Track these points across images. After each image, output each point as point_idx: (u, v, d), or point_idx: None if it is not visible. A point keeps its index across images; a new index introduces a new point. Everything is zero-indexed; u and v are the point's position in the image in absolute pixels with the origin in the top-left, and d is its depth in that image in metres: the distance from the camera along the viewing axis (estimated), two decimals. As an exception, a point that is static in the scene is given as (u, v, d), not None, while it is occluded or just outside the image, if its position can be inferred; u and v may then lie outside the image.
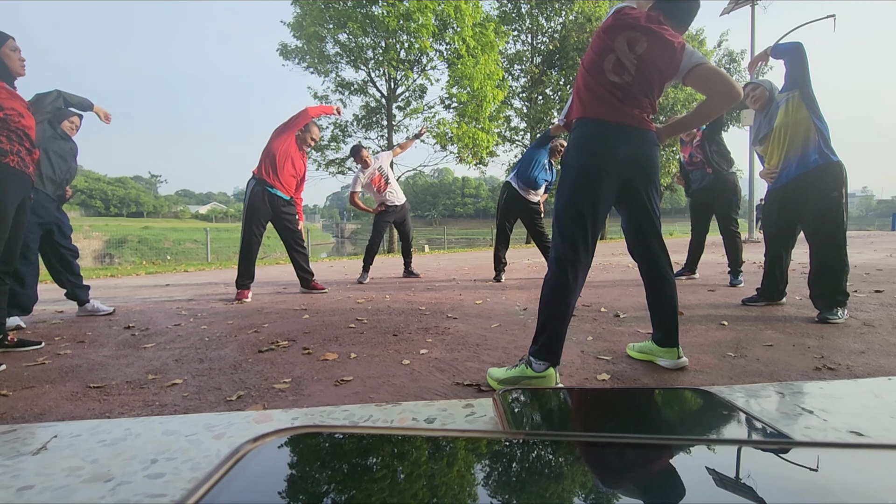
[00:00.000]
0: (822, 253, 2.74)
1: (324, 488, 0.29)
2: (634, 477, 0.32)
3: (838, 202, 2.68)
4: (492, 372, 1.79)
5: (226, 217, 74.60)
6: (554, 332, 1.65)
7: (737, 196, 4.19)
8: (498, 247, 4.81)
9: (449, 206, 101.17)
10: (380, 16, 12.75)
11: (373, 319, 2.96)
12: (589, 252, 1.71)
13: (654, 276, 1.88)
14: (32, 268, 2.88)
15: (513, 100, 18.70)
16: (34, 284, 2.90)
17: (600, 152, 1.70)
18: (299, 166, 4.04)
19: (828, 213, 2.69)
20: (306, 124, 3.99)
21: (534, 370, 1.65)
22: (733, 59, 23.04)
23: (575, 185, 1.71)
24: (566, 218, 1.70)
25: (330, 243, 44.83)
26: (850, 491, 0.28)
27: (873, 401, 0.51)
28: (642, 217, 1.83)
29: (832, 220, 2.69)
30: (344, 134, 15.59)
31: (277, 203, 3.90)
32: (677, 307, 1.91)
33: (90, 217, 57.45)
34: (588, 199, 1.69)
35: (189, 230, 38.87)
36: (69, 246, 3.17)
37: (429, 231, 51.73)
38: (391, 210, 5.03)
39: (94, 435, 0.42)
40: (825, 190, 2.70)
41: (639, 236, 1.86)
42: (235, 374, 1.94)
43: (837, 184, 2.69)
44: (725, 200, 4.18)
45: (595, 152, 1.70)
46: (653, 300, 1.91)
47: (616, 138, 1.70)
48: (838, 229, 2.69)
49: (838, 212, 2.68)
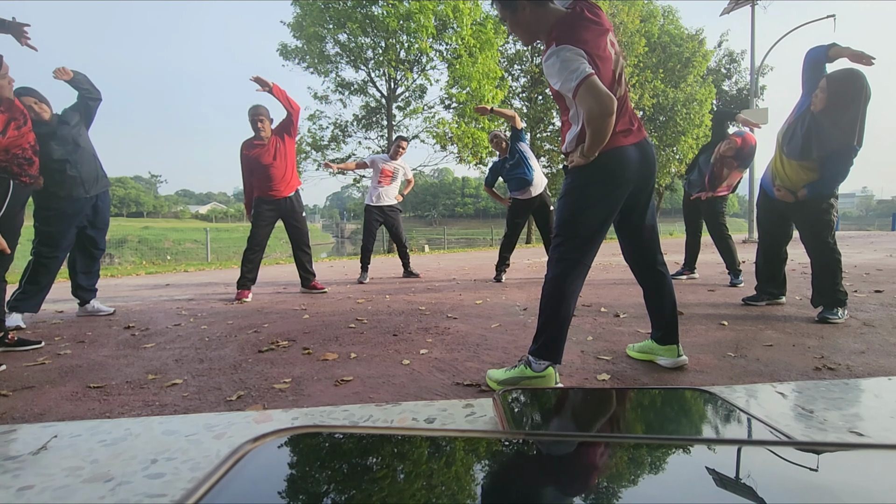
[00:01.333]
0: (816, 257, 2.81)
1: (324, 488, 0.29)
2: (634, 477, 0.32)
3: (830, 207, 2.77)
4: (491, 373, 1.78)
5: (226, 217, 74.58)
6: (555, 331, 1.65)
7: (721, 203, 4.25)
8: (504, 248, 4.80)
9: (449, 206, 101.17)
10: (380, 16, 12.74)
11: (373, 319, 2.96)
12: (594, 256, 1.72)
13: (651, 272, 1.87)
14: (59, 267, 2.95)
15: (513, 100, 18.70)
16: (50, 284, 2.94)
17: (623, 181, 1.67)
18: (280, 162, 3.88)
19: (818, 218, 2.77)
20: (250, 121, 3.86)
21: (533, 370, 1.64)
22: (733, 60, 23.06)
23: (596, 204, 1.67)
24: (582, 226, 1.67)
25: (330, 243, 44.86)
26: (850, 491, 0.28)
27: (873, 401, 0.51)
28: (647, 214, 1.83)
29: (823, 224, 2.76)
30: (344, 134, 15.57)
31: (282, 206, 3.93)
32: (675, 303, 1.90)
33: (90, 217, 57.39)
34: (607, 214, 1.68)
35: (189, 230, 38.86)
36: (100, 244, 3.19)
37: (429, 231, 51.74)
38: (377, 210, 5.00)
39: (94, 435, 0.42)
40: (816, 200, 2.77)
41: (640, 233, 1.85)
42: (235, 374, 1.94)
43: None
44: (711, 209, 4.26)
45: (619, 183, 1.67)
46: (651, 297, 1.90)
47: (636, 161, 1.67)
48: (828, 232, 2.76)
49: (828, 217, 2.77)
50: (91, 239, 3.12)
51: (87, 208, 3.00)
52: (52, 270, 2.89)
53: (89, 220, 3.05)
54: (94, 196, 3.04)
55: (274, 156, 3.85)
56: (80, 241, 3.09)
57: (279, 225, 4.08)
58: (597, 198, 1.66)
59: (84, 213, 2.99)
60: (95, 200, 3.06)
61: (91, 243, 3.14)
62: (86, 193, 2.97)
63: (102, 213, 3.13)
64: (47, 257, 2.84)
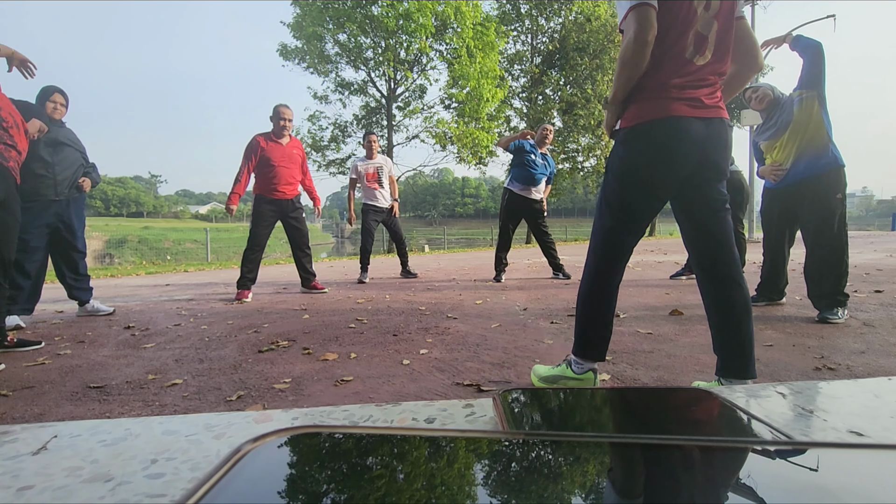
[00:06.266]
0: (824, 254, 2.74)
1: (324, 488, 0.29)
2: (634, 477, 0.32)
3: (842, 203, 2.70)
4: (536, 369, 1.74)
5: (226, 217, 74.59)
6: (595, 329, 1.56)
7: (742, 196, 4.07)
8: (500, 249, 4.82)
9: (449, 206, 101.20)
10: (379, 16, 12.75)
11: (373, 319, 2.96)
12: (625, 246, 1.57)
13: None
14: (39, 268, 2.89)
15: (513, 100, 18.71)
16: (40, 284, 2.91)
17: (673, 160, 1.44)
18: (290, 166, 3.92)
19: (831, 215, 2.70)
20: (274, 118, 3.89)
21: (573, 371, 1.60)
22: (733, 59, 23.05)
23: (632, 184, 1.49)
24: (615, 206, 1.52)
25: (330, 243, 44.84)
26: (850, 491, 0.28)
27: (873, 401, 0.51)
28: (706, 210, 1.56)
29: (836, 221, 2.69)
30: (344, 134, 15.59)
31: (283, 207, 3.94)
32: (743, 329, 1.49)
33: (90, 217, 57.16)
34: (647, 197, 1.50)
35: (189, 230, 38.89)
36: (79, 247, 3.13)
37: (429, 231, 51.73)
38: (375, 210, 4.99)
39: (94, 435, 0.42)
40: (830, 192, 2.71)
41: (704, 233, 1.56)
42: (235, 374, 1.94)
43: (841, 186, 2.71)
44: (731, 200, 4.15)
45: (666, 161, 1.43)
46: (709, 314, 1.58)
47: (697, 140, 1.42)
48: (841, 231, 2.70)
49: (842, 214, 2.70)
50: (67, 242, 3.06)
51: (56, 210, 2.93)
52: (27, 272, 2.81)
53: (63, 224, 2.99)
54: (66, 201, 2.98)
55: (287, 158, 3.90)
56: (59, 246, 3.05)
57: (279, 225, 4.08)
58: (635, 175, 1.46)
59: (53, 213, 2.91)
60: (68, 205, 3.00)
61: (69, 247, 3.08)
62: (56, 196, 2.91)
63: (76, 217, 3.08)
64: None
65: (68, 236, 3.04)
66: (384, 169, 5.02)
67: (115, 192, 72.80)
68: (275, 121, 3.90)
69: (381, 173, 4.99)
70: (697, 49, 1.41)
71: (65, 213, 2.99)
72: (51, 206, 2.91)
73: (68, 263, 3.12)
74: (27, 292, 2.85)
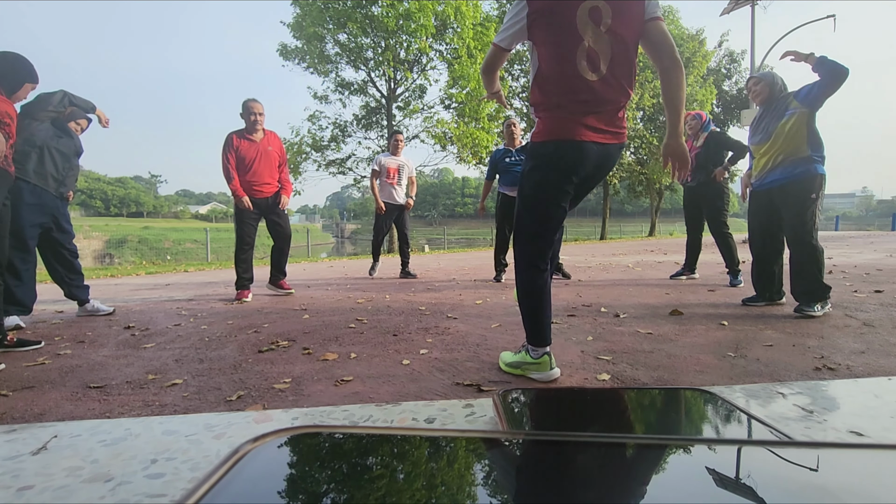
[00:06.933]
0: (799, 250, 2.87)
1: (324, 488, 0.29)
2: (634, 477, 0.32)
3: (814, 203, 2.82)
4: (503, 355, 1.95)
5: (226, 217, 74.50)
6: (540, 320, 1.76)
7: (722, 201, 4.27)
8: (498, 250, 4.86)
9: (449, 206, 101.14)
10: (379, 16, 12.75)
11: (373, 319, 2.96)
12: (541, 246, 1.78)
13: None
14: (31, 265, 2.88)
15: (513, 100, 18.69)
16: (33, 282, 2.90)
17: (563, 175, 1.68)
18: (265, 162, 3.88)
19: (804, 213, 2.83)
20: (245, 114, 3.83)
21: (531, 357, 1.78)
22: (734, 60, 23.04)
23: (544, 196, 1.71)
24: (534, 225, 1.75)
25: (330, 243, 44.82)
26: (850, 491, 0.28)
27: (873, 401, 0.51)
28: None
29: (807, 219, 2.82)
30: (344, 134, 15.58)
31: (264, 206, 3.93)
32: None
33: (90, 217, 57.40)
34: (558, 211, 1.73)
35: (189, 230, 38.84)
36: (69, 245, 3.15)
37: (429, 231, 51.74)
38: (389, 206, 5.16)
39: (94, 435, 0.42)
40: (805, 193, 2.83)
41: None
42: (235, 374, 1.94)
43: (815, 188, 2.82)
44: (713, 206, 4.27)
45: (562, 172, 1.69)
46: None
47: (582, 158, 1.64)
48: (811, 228, 2.82)
49: (812, 212, 2.82)
50: (58, 242, 3.08)
51: (51, 203, 2.97)
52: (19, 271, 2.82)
53: (54, 223, 3.03)
54: (59, 196, 3.04)
55: (261, 156, 3.87)
56: (51, 247, 3.07)
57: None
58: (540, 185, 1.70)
59: (46, 204, 2.94)
60: (59, 203, 3.06)
61: (60, 246, 3.10)
62: (54, 190, 2.98)
63: (66, 219, 3.14)
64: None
65: (59, 236, 3.09)
66: (405, 168, 5.22)
67: (115, 192, 72.72)
68: (245, 117, 3.84)
69: (402, 172, 5.19)
70: (591, 65, 1.54)
71: (58, 211, 3.04)
72: (52, 203, 2.96)
73: (63, 263, 3.14)
74: (24, 291, 2.86)
